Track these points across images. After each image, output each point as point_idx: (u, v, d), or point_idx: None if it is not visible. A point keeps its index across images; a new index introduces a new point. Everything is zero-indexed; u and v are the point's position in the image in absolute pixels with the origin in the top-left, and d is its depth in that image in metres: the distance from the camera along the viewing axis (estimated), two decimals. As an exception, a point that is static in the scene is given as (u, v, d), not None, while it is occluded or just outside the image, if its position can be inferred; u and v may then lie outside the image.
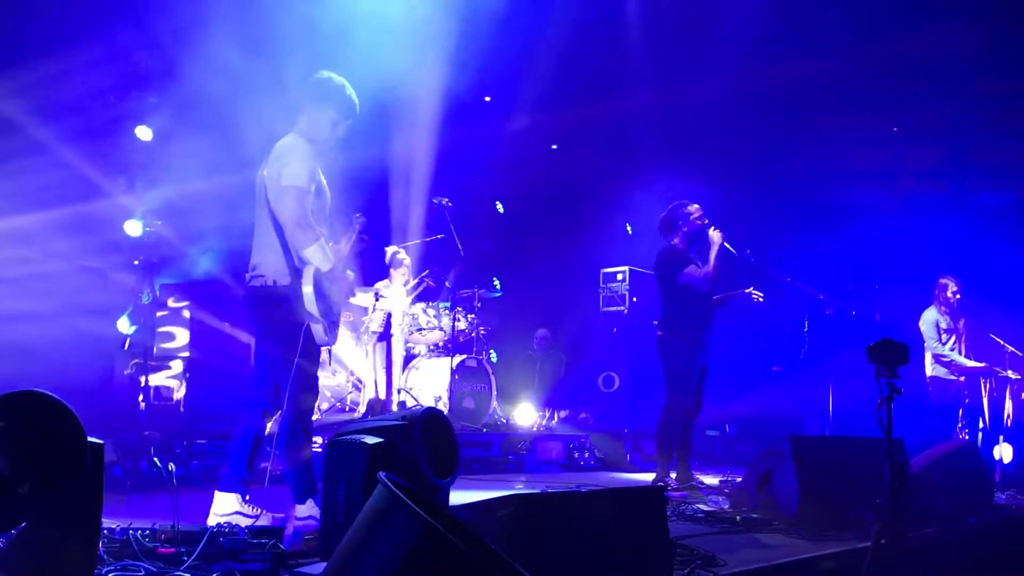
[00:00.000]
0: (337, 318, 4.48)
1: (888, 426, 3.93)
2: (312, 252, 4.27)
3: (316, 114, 4.48)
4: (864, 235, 10.53)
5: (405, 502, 1.60)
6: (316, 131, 4.49)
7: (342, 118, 4.52)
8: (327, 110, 4.47)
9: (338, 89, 4.50)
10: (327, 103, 4.47)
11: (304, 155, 4.33)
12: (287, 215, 4.25)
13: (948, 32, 9.86)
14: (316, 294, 4.26)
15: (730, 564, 3.72)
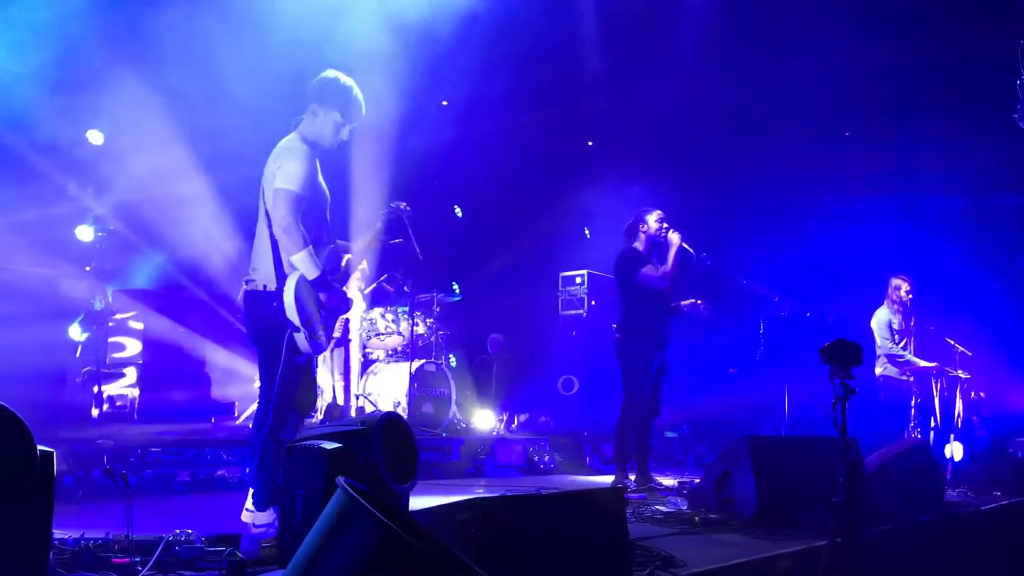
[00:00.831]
0: (321, 327, 4.29)
1: (843, 426, 3.99)
2: (299, 259, 4.16)
3: (321, 115, 4.35)
4: (817, 238, 10.69)
5: (365, 507, 1.59)
6: (320, 133, 4.37)
7: (348, 120, 4.40)
8: (332, 112, 4.35)
9: (345, 90, 4.39)
10: (333, 104, 4.35)
11: (302, 157, 4.22)
12: (276, 219, 4.14)
13: (897, 40, 10.06)
14: (297, 302, 4.14)
15: (689, 565, 3.74)
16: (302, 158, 4.21)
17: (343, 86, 4.38)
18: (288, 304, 4.13)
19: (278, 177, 4.16)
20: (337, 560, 1.63)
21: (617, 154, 11.41)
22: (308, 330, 4.19)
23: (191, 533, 3.54)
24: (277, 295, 4.16)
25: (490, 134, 11.01)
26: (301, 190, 4.16)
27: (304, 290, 4.18)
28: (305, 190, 4.19)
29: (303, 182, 4.17)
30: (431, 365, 8.73)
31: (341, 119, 4.36)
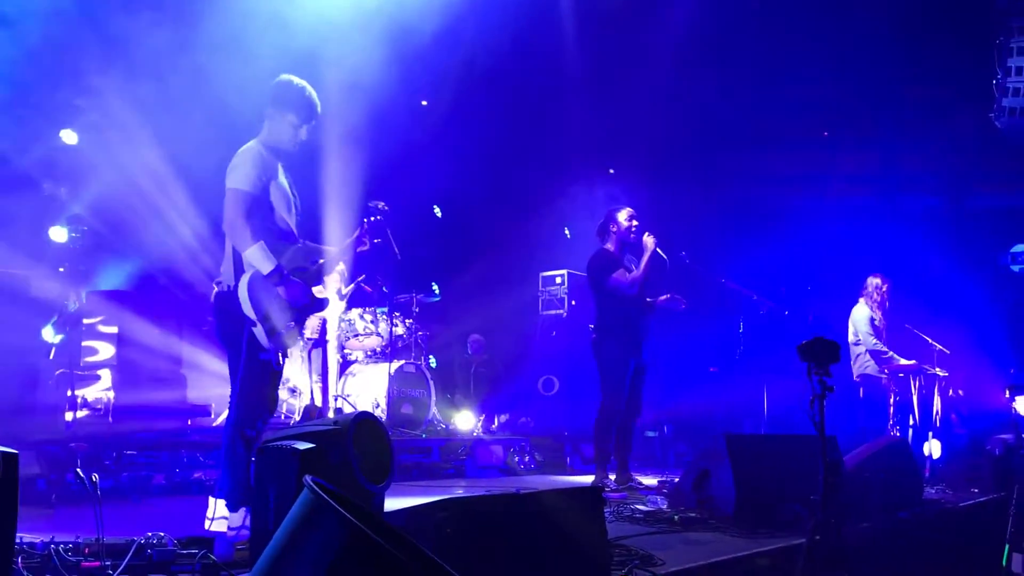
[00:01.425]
0: (286, 323, 4.33)
1: (821, 423, 3.99)
2: (251, 255, 4.22)
3: (277, 118, 4.47)
4: (796, 237, 10.72)
5: (331, 505, 1.55)
6: (278, 135, 4.48)
7: (302, 121, 4.50)
8: (287, 114, 4.45)
9: (298, 92, 4.49)
10: (287, 107, 4.45)
11: (251, 159, 4.32)
12: (224, 217, 4.25)
13: (876, 40, 10.11)
14: (251, 297, 4.20)
15: (668, 563, 3.73)
16: (251, 159, 4.32)
17: (296, 88, 4.50)
18: (242, 299, 4.21)
19: (229, 178, 4.30)
20: (303, 560, 1.59)
21: (597, 154, 11.41)
22: (265, 325, 4.24)
23: (164, 536, 3.50)
24: (236, 292, 4.24)
25: (470, 134, 10.99)
26: (250, 188, 4.27)
27: (259, 285, 4.25)
28: (255, 189, 4.28)
29: (252, 182, 4.27)
30: (410, 366, 8.69)
31: (297, 120, 4.47)
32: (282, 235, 4.43)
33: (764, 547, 4.33)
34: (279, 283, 4.29)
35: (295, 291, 4.36)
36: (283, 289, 4.32)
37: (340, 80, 8.66)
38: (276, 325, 4.28)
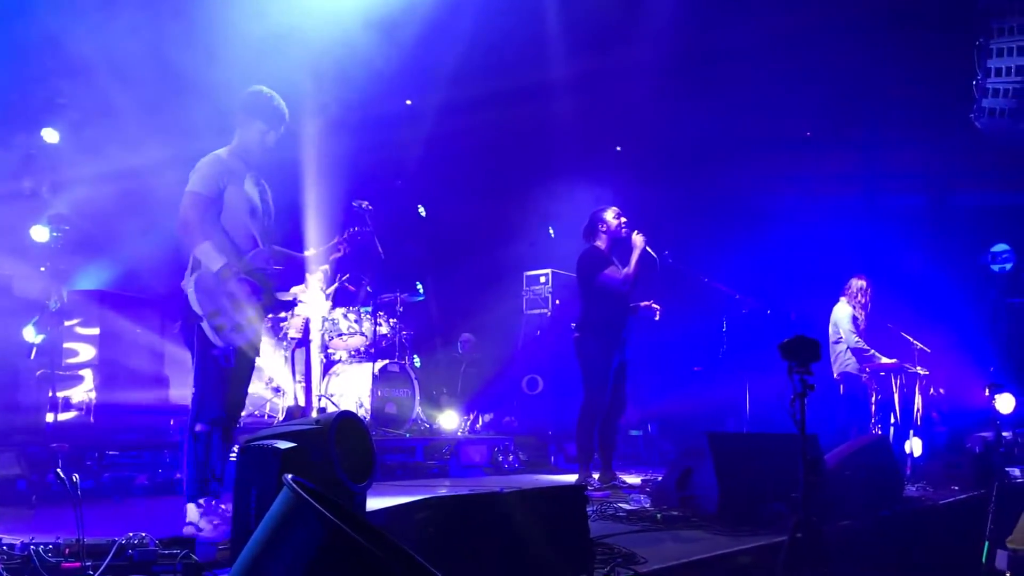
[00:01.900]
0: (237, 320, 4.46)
1: (801, 422, 4.01)
2: (199, 252, 4.42)
3: (246, 126, 4.68)
4: (779, 236, 10.77)
5: (310, 503, 1.56)
6: (247, 143, 4.68)
7: (270, 128, 4.70)
8: (256, 122, 4.66)
9: (266, 100, 4.69)
10: (256, 114, 4.66)
11: (208, 164, 4.53)
12: (178, 217, 4.50)
13: (857, 41, 10.17)
14: (198, 293, 4.38)
15: (650, 561, 3.74)
16: (208, 164, 4.54)
17: (265, 96, 4.70)
18: (191, 296, 4.40)
19: (188, 183, 4.52)
20: (282, 559, 1.59)
21: (582, 153, 11.42)
22: (212, 322, 4.40)
23: (145, 536, 3.47)
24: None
25: (454, 133, 10.99)
26: (203, 190, 4.47)
27: (207, 282, 4.42)
28: (208, 192, 4.48)
29: (205, 183, 4.48)
30: (394, 365, 8.68)
31: (264, 127, 4.68)
32: (239, 238, 4.57)
33: (746, 545, 4.35)
34: (227, 280, 4.41)
35: (245, 289, 4.48)
36: (233, 287, 4.44)
37: (325, 79, 8.66)
38: (224, 322, 4.42)
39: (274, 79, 4.82)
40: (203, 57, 7.40)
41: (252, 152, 4.70)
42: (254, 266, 4.58)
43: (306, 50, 8.38)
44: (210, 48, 7.45)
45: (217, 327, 4.38)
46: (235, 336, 4.46)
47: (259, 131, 4.67)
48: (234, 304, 4.46)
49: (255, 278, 4.55)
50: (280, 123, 4.72)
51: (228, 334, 4.42)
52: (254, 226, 4.63)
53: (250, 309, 4.53)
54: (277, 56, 7.96)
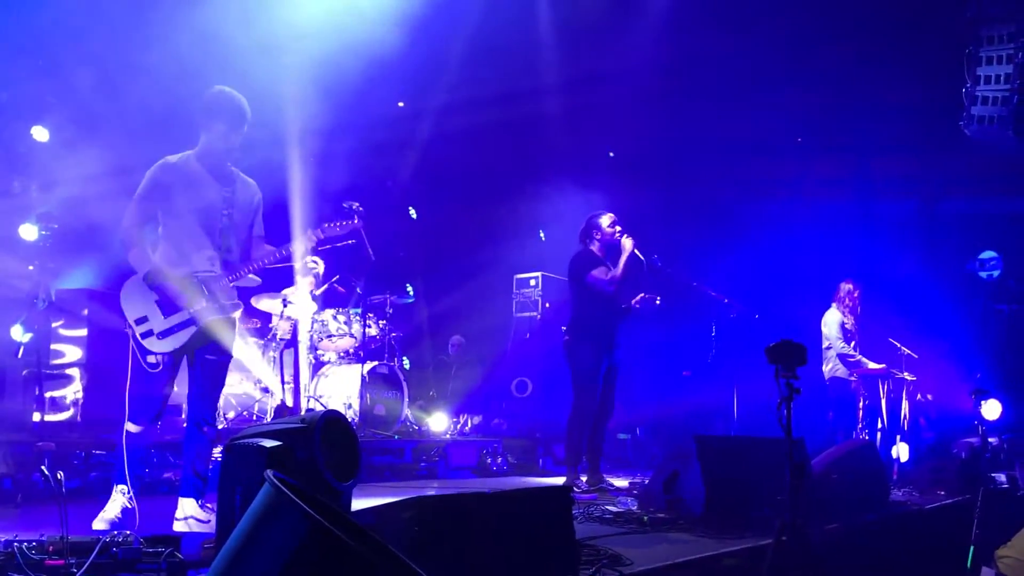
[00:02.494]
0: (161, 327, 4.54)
1: (788, 425, 4.02)
2: (130, 258, 4.58)
3: (210, 128, 4.69)
4: (768, 241, 10.81)
5: (292, 499, 1.56)
6: (211, 145, 4.70)
7: (231, 128, 4.69)
8: (217, 123, 4.67)
9: (227, 100, 4.69)
10: (216, 116, 4.67)
11: (154, 171, 4.62)
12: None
13: (849, 46, 10.21)
14: (125, 300, 4.54)
15: (636, 563, 3.75)
16: (153, 170, 4.62)
17: (225, 96, 4.70)
18: (122, 301, 4.56)
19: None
20: (263, 554, 1.59)
21: (572, 156, 11.44)
22: (138, 327, 4.52)
23: (129, 534, 3.47)
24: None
25: (446, 135, 10.99)
26: (142, 197, 4.59)
27: (133, 287, 4.56)
28: (148, 197, 4.58)
29: (146, 190, 4.59)
30: (383, 367, 8.67)
31: (225, 128, 4.68)
32: (188, 241, 4.61)
33: (732, 547, 4.36)
34: (152, 286, 4.49)
35: (167, 295, 4.52)
36: (160, 292, 4.51)
37: (316, 81, 8.65)
38: (153, 327, 4.52)
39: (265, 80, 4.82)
40: (195, 58, 7.39)
41: (215, 154, 4.71)
42: (194, 269, 4.59)
43: (297, 51, 8.38)
44: (201, 49, 7.44)
45: (144, 333, 4.50)
46: (163, 342, 4.53)
47: (220, 133, 4.66)
48: (161, 310, 4.53)
49: (182, 283, 4.55)
50: (240, 123, 4.71)
51: (154, 340, 4.51)
52: (210, 229, 4.64)
53: (181, 314, 4.54)
54: (268, 57, 7.96)
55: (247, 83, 4.87)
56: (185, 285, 4.54)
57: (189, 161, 4.69)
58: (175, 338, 4.54)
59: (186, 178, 4.63)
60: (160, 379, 4.56)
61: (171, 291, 4.50)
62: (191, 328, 4.56)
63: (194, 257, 4.61)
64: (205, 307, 4.57)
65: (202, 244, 4.63)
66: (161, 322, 4.52)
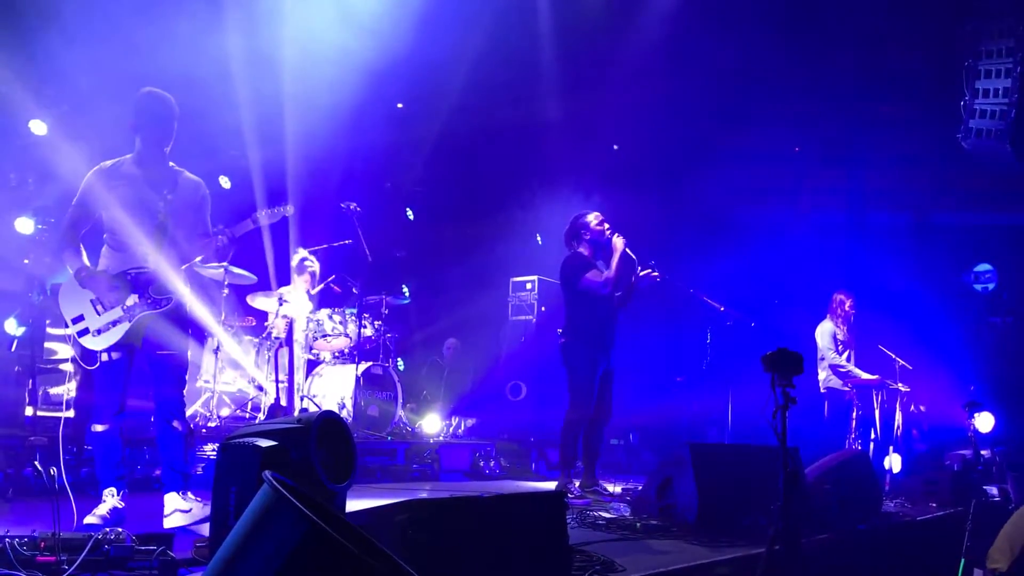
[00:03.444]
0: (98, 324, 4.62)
1: (783, 434, 4.02)
2: (64, 260, 4.73)
3: (141, 130, 4.78)
4: (765, 250, 10.81)
5: (290, 500, 1.55)
6: (146, 146, 4.80)
7: (160, 128, 4.78)
8: (147, 124, 4.76)
9: (153, 101, 4.78)
10: (146, 118, 4.77)
11: (88, 177, 4.75)
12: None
13: (848, 58, 10.25)
14: (62, 301, 4.67)
15: (628, 570, 3.75)
16: (87, 176, 4.75)
17: (152, 97, 4.78)
18: (60, 302, 4.68)
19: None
20: (260, 554, 1.59)
21: (570, 161, 11.46)
22: (76, 327, 4.63)
23: (121, 532, 3.46)
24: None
25: (444, 137, 11.00)
26: (76, 201, 4.74)
27: (69, 289, 4.67)
28: (80, 202, 4.72)
29: (80, 195, 4.74)
30: (378, 368, 8.66)
31: (154, 127, 4.76)
32: (123, 241, 4.71)
33: (724, 555, 4.36)
34: (83, 284, 4.61)
35: (100, 294, 4.62)
36: (91, 291, 4.62)
37: (315, 82, 8.65)
38: (88, 325, 4.63)
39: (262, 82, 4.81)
40: (191, 56, 7.38)
41: (151, 155, 4.80)
42: (127, 267, 4.68)
43: (295, 52, 8.38)
44: (198, 47, 7.44)
45: (80, 331, 4.61)
46: (98, 339, 4.62)
47: (150, 133, 4.75)
48: (95, 308, 4.64)
49: (113, 281, 4.64)
50: (168, 122, 4.79)
51: (91, 338, 4.62)
52: (146, 228, 4.71)
53: (115, 311, 4.64)
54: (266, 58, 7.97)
55: (246, 84, 4.86)
56: (117, 282, 4.65)
57: (124, 164, 4.81)
58: (110, 334, 4.63)
59: (120, 181, 4.73)
60: (105, 374, 4.67)
61: (103, 288, 4.61)
62: (124, 324, 4.64)
63: (129, 255, 4.71)
64: (137, 303, 4.67)
65: (139, 242, 4.72)
66: (96, 320, 4.63)
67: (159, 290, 4.72)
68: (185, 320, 4.88)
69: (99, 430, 4.66)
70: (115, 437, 4.69)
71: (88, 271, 4.62)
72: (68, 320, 4.65)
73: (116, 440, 4.69)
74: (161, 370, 4.76)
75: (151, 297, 4.69)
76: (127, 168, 4.79)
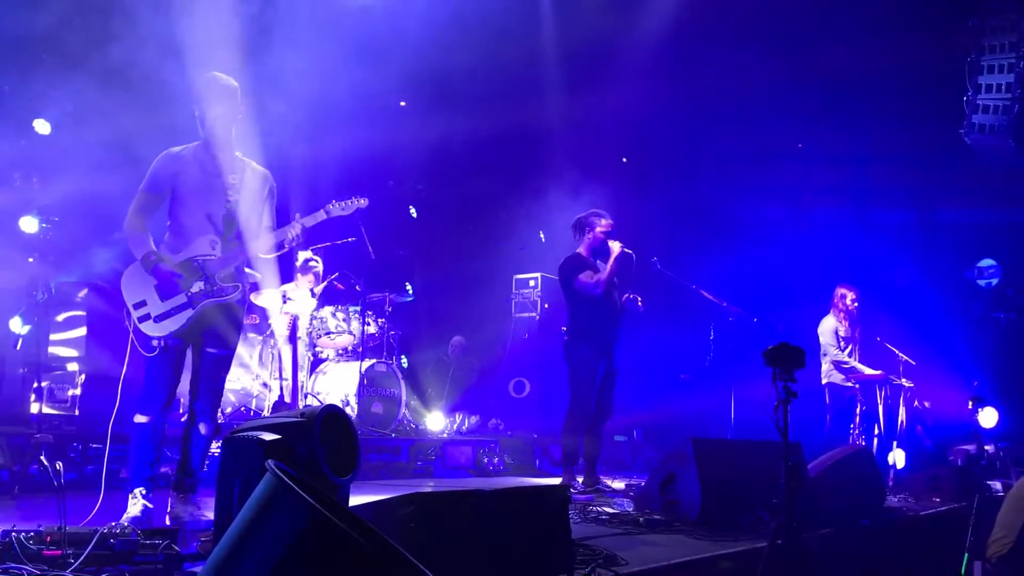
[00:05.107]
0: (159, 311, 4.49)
1: (784, 428, 4.03)
2: (130, 246, 4.60)
3: (206, 116, 4.65)
4: (769, 246, 10.81)
5: (292, 489, 1.57)
6: (213, 132, 4.66)
7: (205, 111, 4.63)
8: (213, 109, 4.62)
9: (219, 85, 4.65)
10: (211, 102, 4.63)
11: (155, 163, 4.65)
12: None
13: (851, 54, 10.23)
14: (125, 286, 4.54)
15: (631, 564, 3.76)
16: (155, 161, 4.66)
17: (217, 81, 4.67)
18: (122, 287, 4.56)
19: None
20: (263, 542, 1.60)
21: (574, 158, 11.46)
22: (138, 312, 4.49)
23: (127, 526, 3.48)
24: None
25: (447, 135, 11.00)
26: (144, 187, 4.64)
27: (132, 273, 4.56)
28: (149, 187, 4.63)
29: (148, 180, 4.64)
30: (382, 365, 8.68)
31: (200, 112, 4.63)
32: (192, 226, 4.61)
33: (727, 550, 4.37)
34: (148, 269, 4.48)
35: (169, 279, 4.49)
36: (157, 276, 4.48)
37: (318, 79, 8.66)
38: (150, 311, 4.49)
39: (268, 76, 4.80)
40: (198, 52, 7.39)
41: (218, 141, 4.66)
42: (192, 255, 4.56)
43: (301, 48, 8.38)
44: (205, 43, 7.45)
45: (142, 318, 4.47)
46: (159, 326, 4.48)
47: (217, 118, 4.62)
48: (159, 294, 4.50)
49: (180, 267, 4.52)
50: (234, 105, 4.68)
51: (151, 324, 4.47)
52: (213, 216, 4.62)
53: (179, 298, 4.51)
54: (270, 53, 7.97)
55: (249, 79, 4.86)
56: (183, 268, 4.52)
57: (192, 150, 4.69)
58: (172, 321, 4.49)
59: (188, 168, 4.63)
60: (160, 364, 4.48)
61: (168, 274, 4.47)
62: (188, 311, 4.51)
63: (195, 243, 4.59)
64: (202, 290, 4.54)
65: (204, 230, 4.61)
66: (158, 306, 4.49)
67: (225, 279, 4.60)
68: (240, 316, 4.77)
69: (141, 421, 4.48)
70: (155, 432, 4.51)
71: (155, 256, 4.49)
72: (130, 305, 4.51)
73: (156, 435, 4.51)
74: (212, 368, 4.65)
75: (217, 285, 4.57)
76: (195, 154, 4.68)
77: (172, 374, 4.55)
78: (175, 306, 4.50)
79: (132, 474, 4.50)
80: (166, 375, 4.52)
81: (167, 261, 4.51)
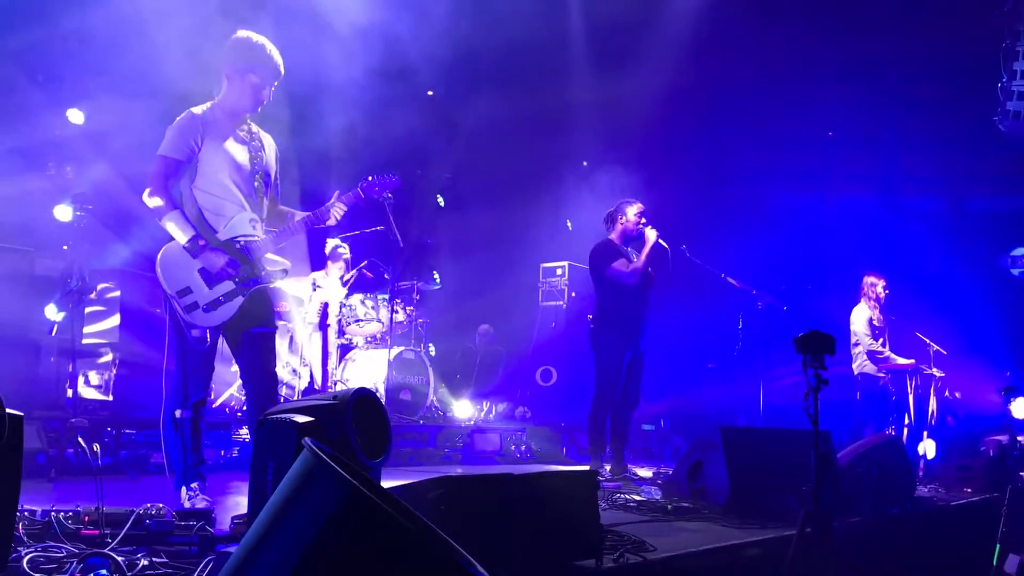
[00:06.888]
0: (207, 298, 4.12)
1: (815, 416, 4.01)
2: (166, 224, 4.11)
3: (237, 80, 4.20)
4: (799, 234, 10.75)
5: (330, 465, 1.60)
6: (238, 99, 4.23)
7: (264, 82, 4.22)
8: (248, 75, 4.19)
9: (258, 49, 4.20)
10: (248, 67, 4.18)
11: (179, 124, 4.15)
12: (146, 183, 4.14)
13: (882, 40, 10.14)
14: (165, 269, 4.13)
15: (659, 550, 3.77)
16: (180, 124, 4.15)
17: (257, 46, 4.20)
18: (159, 272, 4.12)
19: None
20: (299, 518, 1.63)
21: (601, 146, 11.43)
22: (182, 300, 4.10)
23: (162, 508, 3.54)
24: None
25: (475, 124, 11.02)
26: (171, 153, 4.10)
27: (175, 256, 4.13)
28: (177, 153, 4.10)
29: (174, 145, 4.11)
30: (410, 352, 8.73)
31: (258, 80, 4.21)
32: (219, 200, 4.19)
33: (755, 537, 4.37)
34: (196, 254, 4.08)
35: (219, 263, 4.12)
36: (204, 261, 4.10)
37: (345, 68, 8.69)
38: (197, 299, 4.11)
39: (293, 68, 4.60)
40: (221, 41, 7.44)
41: (242, 107, 4.24)
42: (234, 234, 4.21)
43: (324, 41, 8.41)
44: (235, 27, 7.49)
45: (188, 306, 4.10)
46: (209, 316, 4.13)
47: (252, 85, 4.19)
48: (207, 280, 4.13)
49: (230, 249, 4.16)
50: (276, 74, 4.23)
51: (200, 314, 4.11)
52: (240, 186, 4.22)
53: (227, 284, 4.15)
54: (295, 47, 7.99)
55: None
56: (228, 252, 4.14)
57: (215, 113, 4.23)
58: (223, 310, 4.13)
59: (213, 131, 4.17)
60: (206, 357, 4.16)
61: (217, 259, 4.09)
62: (238, 299, 4.15)
63: (234, 220, 4.20)
64: (252, 276, 4.19)
65: (241, 206, 4.22)
66: (206, 293, 4.10)
67: (269, 261, 4.26)
68: (277, 293, 4.53)
69: (184, 416, 4.11)
70: (196, 426, 4.16)
71: (203, 241, 4.06)
72: (172, 292, 4.10)
73: (198, 429, 4.17)
74: (261, 349, 4.24)
75: (264, 269, 4.23)
76: (219, 117, 4.21)
77: (212, 366, 4.25)
78: (224, 293, 4.13)
79: (178, 470, 4.17)
80: (208, 368, 4.22)
81: (215, 246, 4.11)
